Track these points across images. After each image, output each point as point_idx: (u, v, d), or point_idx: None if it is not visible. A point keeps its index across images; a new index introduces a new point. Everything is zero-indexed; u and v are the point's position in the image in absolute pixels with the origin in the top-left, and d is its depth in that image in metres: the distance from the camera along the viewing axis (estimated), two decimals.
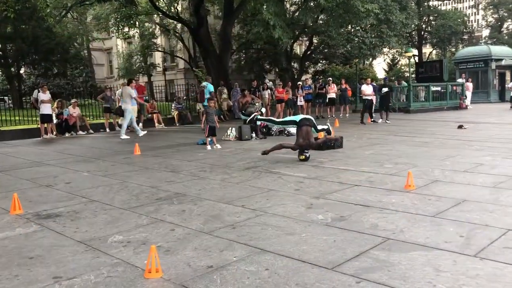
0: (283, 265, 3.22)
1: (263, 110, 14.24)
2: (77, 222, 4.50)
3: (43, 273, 3.22)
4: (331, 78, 21.51)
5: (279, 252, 3.46)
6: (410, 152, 8.51)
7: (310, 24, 24.29)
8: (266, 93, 18.52)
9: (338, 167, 7.09)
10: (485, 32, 53.49)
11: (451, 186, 5.55)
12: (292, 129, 10.79)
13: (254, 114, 11.63)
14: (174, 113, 18.00)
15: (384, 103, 16.22)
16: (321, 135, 8.98)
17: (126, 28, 25.09)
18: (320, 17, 24.51)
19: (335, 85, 20.01)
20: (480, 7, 55.19)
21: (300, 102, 18.46)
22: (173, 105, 18.64)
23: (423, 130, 12.75)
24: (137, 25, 26.29)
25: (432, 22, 42.61)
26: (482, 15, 55.73)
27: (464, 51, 32.98)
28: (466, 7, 74.67)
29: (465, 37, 45.12)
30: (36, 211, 4.98)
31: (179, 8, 27.33)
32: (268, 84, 19.94)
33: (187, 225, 4.26)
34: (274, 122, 9.75)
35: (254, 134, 11.76)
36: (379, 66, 50.65)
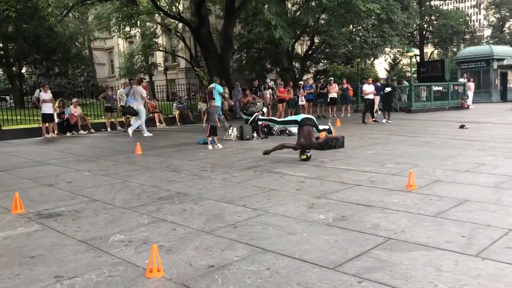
0: (285, 265, 3.21)
1: (265, 110, 14.21)
2: (79, 222, 4.51)
3: (45, 273, 3.22)
4: (333, 78, 21.48)
5: (281, 252, 3.46)
6: (412, 152, 8.50)
7: (312, 24, 24.25)
8: (268, 93, 18.48)
9: (340, 167, 7.09)
10: (487, 32, 53.51)
11: (453, 186, 5.54)
12: (294, 129, 10.77)
13: (256, 115, 11.61)
14: (175, 113, 17.99)
15: (387, 103, 16.22)
16: (322, 135, 8.97)
17: (128, 28, 25.08)
18: (322, 17, 24.48)
19: (337, 85, 19.98)
20: (482, 7, 55.13)
21: (302, 102, 18.45)
22: (174, 105, 18.63)
23: (425, 130, 12.74)
24: (139, 25, 26.28)
25: (434, 22, 42.56)
26: (484, 15, 55.69)
27: (466, 51, 32.92)
28: (468, 7, 74.63)
29: (467, 37, 45.09)
30: (38, 211, 4.99)
31: (181, 8, 27.30)
32: (270, 84, 19.89)
33: (189, 225, 4.26)
34: (276, 122, 9.74)
35: (256, 134, 11.75)
36: (381, 66, 50.63)
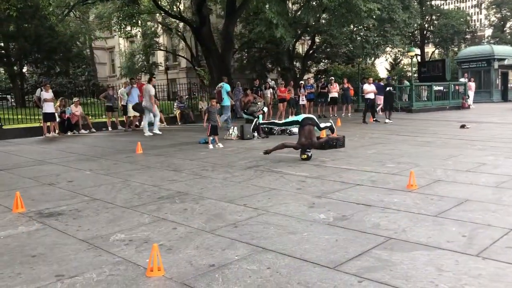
0: (285, 264, 3.22)
1: (265, 109, 14.22)
2: (79, 221, 4.51)
3: (46, 271, 3.23)
4: (333, 78, 21.47)
5: (281, 251, 3.46)
6: (412, 152, 8.49)
7: (313, 23, 24.25)
8: (268, 92, 18.49)
9: (340, 167, 7.08)
10: (488, 32, 53.46)
11: (454, 186, 5.54)
12: (294, 128, 10.75)
13: (256, 120, 11.58)
14: (176, 112, 18.01)
15: (388, 103, 16.22)
16: (324, 134, 8.97)
17: (129, 27, 25.08)
18: (323, 16, 24.46)
19: (337, 85, 19.98)
20: (483, 7, 55.06)
21: (302, 102, 18.44)
22: (175, 104, 18.65)
23: (425, 130, 12.73)
24: (140, 24, 26.26)
25: (435, 22, 42.53)
26: (485, 15, 55.64)
27: (467, 51, 32.89)
28: (469, 7, 74.49)
29: (468, 37, 45.06)
30: (39, 210, 4.99)
31: (181, 7, 27.32)
32: (270, 83, 19.92)
33: (189, 224, 4.26)
34: (277, 125, 9.70)
35: (256, 133, 11.75)
36: (381, 66, 50.64)
